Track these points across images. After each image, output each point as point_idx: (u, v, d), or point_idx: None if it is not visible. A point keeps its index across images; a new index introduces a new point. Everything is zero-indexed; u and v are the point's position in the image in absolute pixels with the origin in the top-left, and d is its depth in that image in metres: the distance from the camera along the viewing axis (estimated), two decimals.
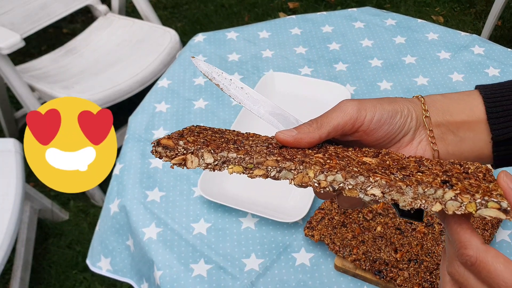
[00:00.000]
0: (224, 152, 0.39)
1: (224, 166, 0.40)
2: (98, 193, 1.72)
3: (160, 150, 0.40)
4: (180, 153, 0.39)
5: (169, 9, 2.70)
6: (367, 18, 1.24)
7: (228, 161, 0.40)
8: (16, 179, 1.27)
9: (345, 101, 0.44)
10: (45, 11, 1.76)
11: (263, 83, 1.04)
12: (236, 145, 0.42)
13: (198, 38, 1.22)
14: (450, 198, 0.35)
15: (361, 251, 0.73)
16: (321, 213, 0.78)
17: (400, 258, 0.72)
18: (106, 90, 1.51)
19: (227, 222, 0.82)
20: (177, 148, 0.39)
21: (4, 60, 1.44)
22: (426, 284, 0.69)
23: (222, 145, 0.41)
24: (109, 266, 0.89)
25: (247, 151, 0.40)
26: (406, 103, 0.45)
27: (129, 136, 0.98)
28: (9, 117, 1.89)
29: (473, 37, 1.14)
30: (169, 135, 0.41)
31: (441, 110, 0.45)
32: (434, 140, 0.45)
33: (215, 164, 0.40)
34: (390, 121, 0.44)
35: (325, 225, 0.76)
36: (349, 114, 0.43)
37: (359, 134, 0.44)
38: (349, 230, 0.76)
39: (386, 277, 0.70)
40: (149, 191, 0.88)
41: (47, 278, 1.55)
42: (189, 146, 0.39)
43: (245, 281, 0.74)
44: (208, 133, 0.44)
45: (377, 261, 0.71)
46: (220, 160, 0.39)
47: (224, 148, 0.40)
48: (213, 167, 0.40)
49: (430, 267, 0.71)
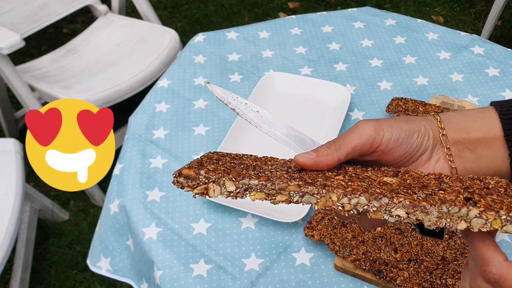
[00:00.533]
0: (246, 180, 0.39)
1: (246, 194, 0.40)
2: (98, 193, 1.72)
3: (181, 180, 0.39)
4: (202, 183, 0.39)
5: (169, 9, 2.70)
6: (367, 18, 1.24)
7: (250, 188, 0.40)
8: (16, 179, 1.27)
9: (362, 122, 0.45)
10: (45, 11, 1.76)
11: (263, 83, 1.04)
12: (256, 171, 0.42)
13: (198, 38, 1.22)
14: (475, 215, 0.35)
15: (361, 251, 0.73)
16: (321, 213, 0.78)
17: (400, 258, 0.72)
18: (106, 90, 1.51)
19: (227, 222, 0.82)
20: (199, 178, 0.39)
21: (4, 60, 1.44)
22: (426, 284, 0.69)
23: (243, 172, 0.41)
24: (109, 266, 0.89)
25: (268, 177, 0.40)
26: (423, 122, 0.45)
27: (129, 136, 0.98)
28: (9, 117, 1.89)
29: (473, 37, 1.14)
30: (189, 164, 0.41)
31: (457, 128, 0.45)
32: (452, 158, 0.45)
33: (237, 192, 0.40)
34: (408, 140, 0.44)
35: (325, 225, 0.76)
36: (367, 134, 0.43)
37: (377, 154, 0.44)
38: (349, 230, 0.76)
39: (386, 277, 0.70)
40: (149, 191, 0.88)
41: (47, 278, 1.55)
42: (210, 175, 0.39)
43: (245, 281, 0.74)
44: (226, 159, 0.44)
45: (377, 261, 0.71)
46: (242, 188, 0.39)
47: (245, 175, 0.40)
48: (235, 195, 0.40)
49: (430, 267, 0.71)
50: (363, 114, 0.99)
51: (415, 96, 1.01)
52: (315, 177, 0.41)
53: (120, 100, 1.54)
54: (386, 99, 1.01)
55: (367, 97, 1.02)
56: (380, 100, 1.01)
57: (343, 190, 0.38)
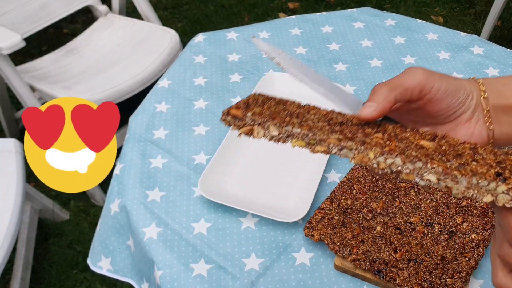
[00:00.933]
0: (289, 127, 0.41)
1: (288, 140, 0.42)
2: (99, 193, 1.73)
3: (229, 119, 0.42)
4: (247, 124, 0.42)
5: (169, 10, 2.70)
6: (367, 19, 1.24)
7: (291, 135, 0.42)
8: (16, 179, 1.28)
9: (414, 68, 0.46)
10: (46, 11, 1.76)
11: (263, 83, 1.04)
12: (299, 119, 0.43)
13: (198, 38, 1.22)
14: (502, 191, 0.36)
15: (360, 251, 0.73)
16: (321, 213, 0.78)
17: (399, 258, 0.72)
18: (106, 90, 1.52)
19: (227, 222, 0.82)
20: (245, 119, 0.42)
21: (5, 60, 1.44)
22: (425, 284, 0.69)
23: (286, 118, 0.43)
24: (110, 266, 0.89)
25: (310, 127, 0.42)
26: (468, 82, 0.47)
27: (130, 136, 0.99)
28: (9, 117, 1.89)
29: (473, 37, 1.14)
30: (236, 104, 0.44)
31: (495, 92, 0.47)
32: (490, 119, 0.47)
33: (280, 137, 0.42)
34: (454, 94, 0.45)
35: (325, 225, 0.77)
36: (418, 79, 0.44)
37: (423, 102, 0.45)
38: (349, 230, 0.76)
39: (386, 277, 0.70)
40: (150, 191, 0.88)
41: (47, 278, 1.56)
42: (256, 118, 0.42)
43: (245, 281, 0.74)
44: (271, 103, 0.46)
45: (376, 260, 0.72)
46: (284, 134, 0.42)
47: (289, 122, 0.42)
48: (277, 139, 0.42)
49: (429, 266, 0.71)
50: None
51: None
52: (355, 132, 0.42)
53: (120, 100, 1.54)
54: None
55: (367, 97, 1.02)
56: None
57: (380, 149, 0.40)
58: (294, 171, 0.89)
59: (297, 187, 0.86)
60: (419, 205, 0.78)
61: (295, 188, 0.86)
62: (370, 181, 0.83)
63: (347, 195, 0.81)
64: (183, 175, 0.90)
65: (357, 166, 0.79)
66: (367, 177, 0.83)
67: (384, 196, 0.80)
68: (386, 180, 0.83)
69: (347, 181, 0.83)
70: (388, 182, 0.82)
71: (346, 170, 0.88)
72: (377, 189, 0.81)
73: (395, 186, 0.82)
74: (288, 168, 0.89)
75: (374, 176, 0.83)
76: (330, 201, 0.80)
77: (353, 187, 0.82)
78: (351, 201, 0.80)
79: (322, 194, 0.85)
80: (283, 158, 0.91)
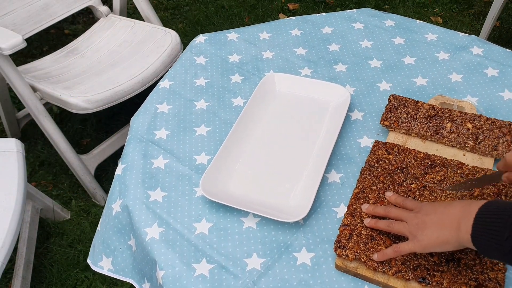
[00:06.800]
0: None
1: None
2: (100, 193, 1.73)
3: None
4: None
5: (170, 10, 2.71)
6: (366, 19, 1.25)
7: None
8: (18, 178, 1.28)
9: None
10: (47, 12, 1.77)
11: (263, 84, 1.05)
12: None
13: (199, 39, 1.23)
14: None
15: (399, 261, 0.71)
16: (347, 229, 0.76)
17: (438, 261, 0.71)
18: (107, 90, 1.52)
19: (228, 222, 0.83)
20: None
21: (6, 60, 1.44)
22: (472, 282, 0.68)
23: None
24: (111, 266, 0.90)
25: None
26: None
27: (131, 137, 0.99)
28: (11, 117, 1.90)
29: (472, 38, 1.15)
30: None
31: None
32: None
33: None
34: None
35: (356, 242, 0.74)
36: None
37: None
38: (380, 242, 0.74)
39: (432, 283, 0.69)
40: (151, 191, 0.89)
41: (48, 277, 1.56)
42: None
43: (246, 280, 0.75)
44: None
45: (417, 268, 0.70)
46: None
47: None
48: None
49: (468, 263, 0.70)
50: (363, 114, 1.00)
51: (414, 96, 1.02)
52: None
53: (121, 100, 1.55)
54: (386, 99, 1.02)
55: (367, 98, 1.03)
56: (379, 100, 1.02)
57: None
58: (295, 171, 0.89)
59: (298, 187, 0.86)
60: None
61: (296, 188, 0.86)
62: (383, 188, 0.82)
63: None
64: (185, 175, 0.91)
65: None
66: (378, 185, 0.83)
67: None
68: (397, 184, 0.83)
69: (361, 192, 0.82)
70: (400, 186, 0.82)
71: (346, 170, 0.89)
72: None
73: (407, 188, 0.81)
74: (289, 168, 0.90)
75: (384, 182, 0.83)
76: (351, 216, 0.78)
77: (368, 197, 0.81)
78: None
79: (323, 194, 0.86)
80: (284, 158, 0.91)
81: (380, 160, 0.87)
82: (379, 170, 0.85)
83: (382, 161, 0.86)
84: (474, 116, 0.91)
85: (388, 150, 0.88)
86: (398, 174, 0.84)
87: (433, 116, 0.92)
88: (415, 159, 0.86)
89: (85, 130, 2.04)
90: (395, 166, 0.85)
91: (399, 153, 0.87)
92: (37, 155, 1.93)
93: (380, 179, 0.83)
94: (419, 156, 0.86)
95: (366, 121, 0.98)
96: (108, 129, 2.02)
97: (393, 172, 0.84)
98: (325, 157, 0.88)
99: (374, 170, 0.85)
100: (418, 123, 0.92)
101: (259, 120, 0.99)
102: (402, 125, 0.92)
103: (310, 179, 0.86)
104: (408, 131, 0.92)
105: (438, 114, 0.93)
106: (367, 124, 0.98)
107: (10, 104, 1.84)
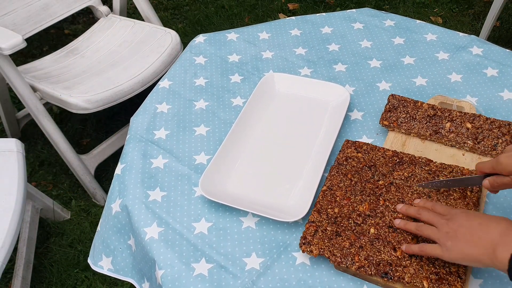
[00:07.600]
0: None
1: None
2: (100, 193, 1.73)
3: None
4: None
5: (170, 10, 2.71)
6: (366, 19, 1.25)
7: None
8: (18, 178, 1.28)
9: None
10: (47, 12, 1.77)
11: (263, 84, 1.05)
12: None
13: (198, 39, 1.23)
14: None
15: (362, 257, 0.72)
16: (312, 226, 0.77)
17: (400, 256, 0.72)
18: (107, 90, 1.52)
19: (228, 222, 0.83)
20: None
21: (6, 60, 1.45)
22: (433, 276, 0.69)
23: None
24: (111, 266, 0.90)
25: None
26: None
27: (131, 136, 0.99)
28: (11, 117, 1.90)
29: (472, 38, 1.15)
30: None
31: None
32: None
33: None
34: None
35: (320, 238, 0.75)
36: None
37: None
38: (344, 238, 0.75)
39: (394, 277, 0.70)
40: (151, 191, 0.89)
41: (48, 277, 1.56)
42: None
43: (246, 280, 0.75)
44: None
45: (380, 263, 0.71)
46: None
47: None
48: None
49: (431, 258, 0.71)
50: (363, 114, 1.00)
51: (414, 96, 1.02)
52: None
53: (121, 100, 1.55)
54: (385, 99, 1.02)
55: (366, 98, 1.03)
56: (379, 100, 1.02)
57: None
58: (294, 170, 0.89)
59: (297, 186, 0.87)
60: (403, 199, 0.79)
61: (295, 187, 0.86)
62: (350, 185, 0.83)
63: (332, 203, 0.80)
64: (184, 175, 0.91)
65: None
66: (346, 182, 0.83)
67: (368, 197, 0.80)
68: (364, 181, 0.83)
69: (328, 189, 0.83)
70: (367, 183, 0.83)
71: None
72: (359, 191, 0.82)
73: (374, 185, 0.82)
74: (288, 168, 0.90)
75: (352, 179, 0.84)
76: (317, 213, 0.79)
77: (335, 194, 0.82)
78: (337, 209, 0.79)
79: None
80: (284, 158, 0.92)
81: (349, 158, 0.87)
82: (347, 168, 0.86)
83: (351, 159, 0.87)
84: (474, 116, 0.91)
85: (358, 149, 0.89)
86: (366, 171, 0.85)
87: (432, 116, 0.92)
88: (384, 157, 0.87)
89: (85, 130, 2.04)
90: (363, 164, 0.86)
91: (368, 151, 0.88)
92: (37, 155, 1.93)
93: (348, 177, 0.84)
94: (387, 154, 0.87)
95: (365, 121, 0.98)
96: (108, 129, 2.02)
97: (361, 170, 0.85)
98: (325, 157, 0.88)
99: (342, 168, 0.86)
100: (417, 123, 0.92)
101: (259, 120, 0.99)
102: (402, 125, 0.92)
103: (309, 178, 0.86)
104: (407, 131, 0.92)
105: (437, 114, 0.93)
106: (367, 124, 0.98)
107: (10, 104, 1.85)
